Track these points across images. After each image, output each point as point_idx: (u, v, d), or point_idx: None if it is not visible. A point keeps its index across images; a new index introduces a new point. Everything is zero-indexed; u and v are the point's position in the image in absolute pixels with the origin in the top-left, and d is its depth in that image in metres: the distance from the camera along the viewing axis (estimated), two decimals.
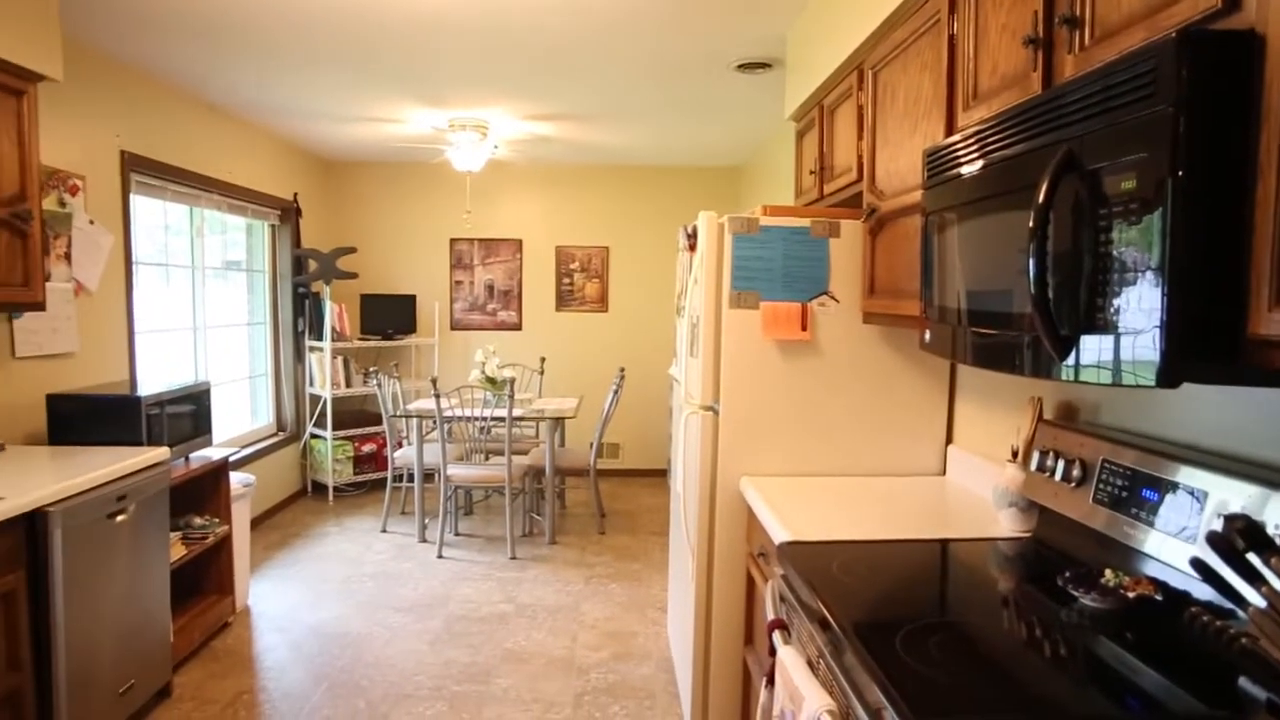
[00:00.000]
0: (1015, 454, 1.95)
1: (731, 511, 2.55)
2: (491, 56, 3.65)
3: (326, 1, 3.00)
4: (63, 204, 3.40)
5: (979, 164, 1.46)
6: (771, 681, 1.59)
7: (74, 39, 3.44)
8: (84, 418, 3.12)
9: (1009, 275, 1.34)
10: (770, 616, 1.73)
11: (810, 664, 1.44)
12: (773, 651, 1.59)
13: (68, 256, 3.44)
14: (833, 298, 2.49)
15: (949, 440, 2.55)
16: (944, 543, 1.83)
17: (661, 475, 6.76)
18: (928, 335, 1.73)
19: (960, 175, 1.53)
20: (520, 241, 6.67)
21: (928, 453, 2.55)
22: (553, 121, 4.99)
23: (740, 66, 3.73)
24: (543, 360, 6.15)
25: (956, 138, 1.56)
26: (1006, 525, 1.94)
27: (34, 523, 2.31)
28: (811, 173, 2.97)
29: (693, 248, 2.73)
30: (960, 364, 2.43)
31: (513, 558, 4.69)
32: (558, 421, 5.18)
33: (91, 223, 3.59)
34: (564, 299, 6.72)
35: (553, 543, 4.98)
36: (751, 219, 2.46)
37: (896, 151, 2.11)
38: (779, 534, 1.92)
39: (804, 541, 1.81)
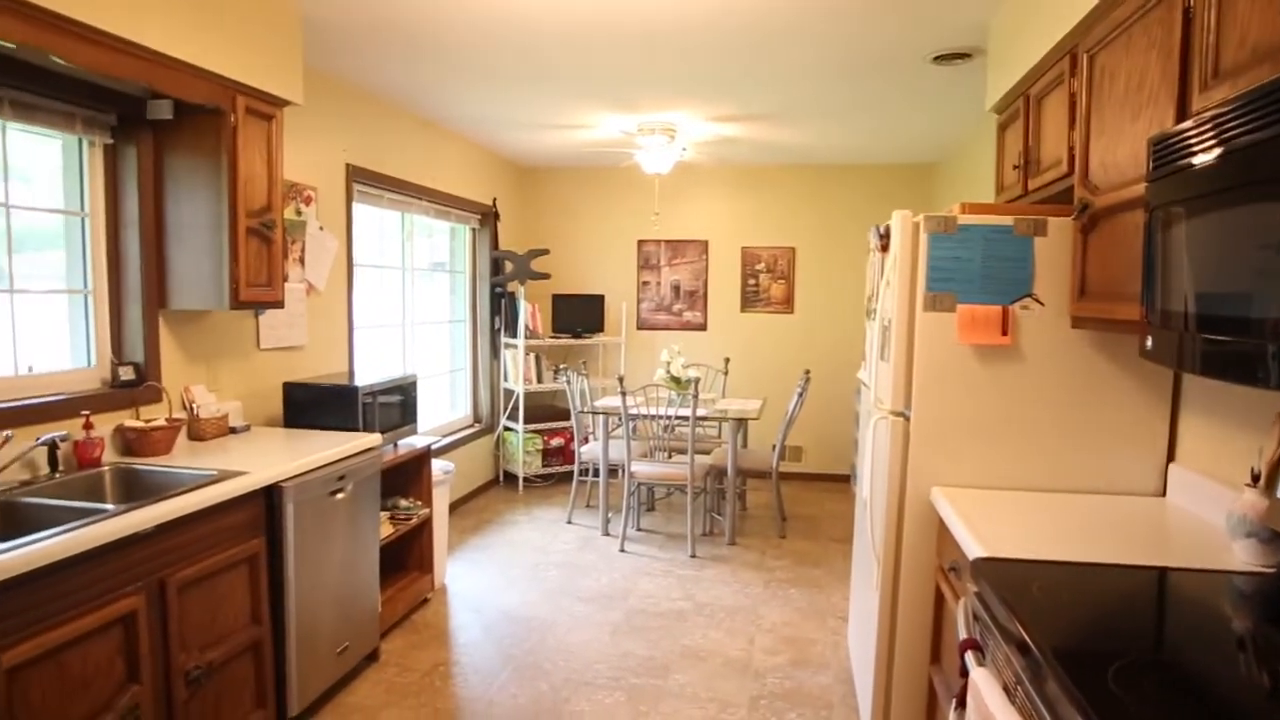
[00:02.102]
0: (1256, 477, 1.73)
1: (921, 522, 2.44)
2: (680, 60, 3.70)
3: (528, 20, 3.16)
4: (299, 213, 3.81)
5: (1217, 152, 1.31)
6: (962, 704, 1.50)
7: (308, 64, 3.83)
8: (312, 404, 3.47)
9: (1250, 276, 1.19)
10: (962, 635, 1.65)
11: (1006, 690, 1.35)
12: (964, 673, 1.51)
13: (301, 260, 3.85)
14: (1037, 300, 2.32)
15: (1170, 458, 2.31)
16: (1163, 570, 1.66)
17: (845, 481, 6.58)
18: (1149, 342, 1.57)
19: (1193, 165, 1.38)
20: (706, 243, 6.72)
21: (1145, 470, 2.32)
22: (740, 122, 4.98)
23: (937, 58, 3.56)
24: (727, 361, 6.17)
25: (1190, 123, 1.41)
26: (1242, 558, 1.73)
27: (271, 496, 2.62)
28: (1015, 167, 2.79)
29: (885, 248, 2.64)
30: (1187, 374, 2.19)
31: (692, 556, 4.74)
32: (741, 422, 5.18)
33: (321, 229, 3.99)
34: (749, 300, 6.69)
35: (732, 543, 4.98)
36: (949, 217, 2.35)
37: (1114, 141, 1.94)
38: (973, 549, 1.82)
39: (1001, 558, 1.70)
